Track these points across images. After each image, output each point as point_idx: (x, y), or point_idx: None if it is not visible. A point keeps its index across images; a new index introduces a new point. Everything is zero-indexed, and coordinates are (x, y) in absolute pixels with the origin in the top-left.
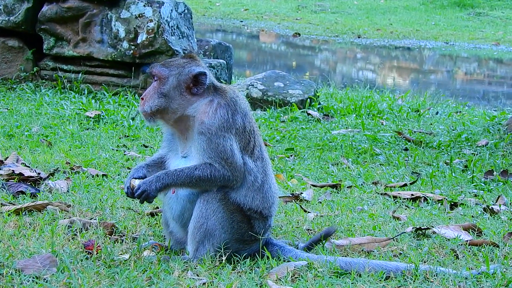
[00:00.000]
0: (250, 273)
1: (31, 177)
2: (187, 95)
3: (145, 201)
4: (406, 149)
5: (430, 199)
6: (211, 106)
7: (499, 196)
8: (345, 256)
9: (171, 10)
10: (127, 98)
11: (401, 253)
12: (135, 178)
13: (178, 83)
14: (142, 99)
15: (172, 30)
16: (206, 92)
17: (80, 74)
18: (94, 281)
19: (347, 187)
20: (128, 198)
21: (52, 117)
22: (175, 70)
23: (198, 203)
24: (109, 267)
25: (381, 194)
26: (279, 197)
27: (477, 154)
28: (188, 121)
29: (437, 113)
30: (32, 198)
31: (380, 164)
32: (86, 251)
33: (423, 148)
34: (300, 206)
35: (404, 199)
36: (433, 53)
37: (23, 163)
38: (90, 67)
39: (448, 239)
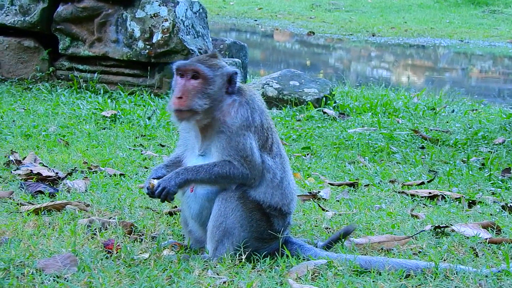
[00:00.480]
0: (270, 271)
1: (49, 176)
2: (224, 95)
3: (166, 199)
4: (422, 147)
5: (447, 197)
6: (233, 105)
7: None
8: (365, 254)
9: (186, 10)
10: (142, 97)
11: (420, 251)
12: (154, 178)
13: (222, 84)
14: (180, 97)
15: (187, 29)
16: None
17: (95, 74)
18: (114, 280)
19: (365, 185)
20: (149, 197)
21: (69, 117)
22: (219, 70)
23: (216, 202)
24: (129, 266)
25: (399, 192)
26: (298, 195)
27: (494, 152)
28: (211, 120)
29: (453, 111)
30: (50, 197)
31: (397, 163)
32: (106, 250)
33: (439, 146)
34: (318, 204)
35: (422, 197)
36: (447, 51)
37: (41, 163)
38: (105, 67)
39: (467, 237)
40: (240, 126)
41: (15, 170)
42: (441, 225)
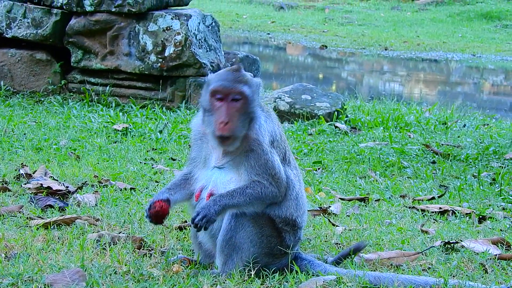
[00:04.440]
0: (279, 287)
1: (60, 190)
2: (256, 108)
3: (204, 228)
4: (433, 162)
5: (458, 212)
6: (260, 122)
7: None
8: (374, 270)
9: (199, 23)
10: (154, 111)
11: (430, 268)
12: (161, 200)
13: (257, 99)
14: (225, 123)
15: (199, 43)
16: None
17: (107, 87)
18: None
19: (375, 200)
20: (149, 223)
21: (80, 130)
22: (252, 85)
23: (227, 216)
24: (138, 282)
25: (409, 207)
26: (308, 210)
27: (505, 167)
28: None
29: (464, 125)
30: (60, 212)
31: (407, 177)
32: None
33: (450, 161)
34: (329, 219)
35: (432, 212)
36: (460, 65)
37: (51, 176)
38: (117, 80)
39: (477, 253)
40: (267, 143)
41: (25, 184)
42: (451, 241)
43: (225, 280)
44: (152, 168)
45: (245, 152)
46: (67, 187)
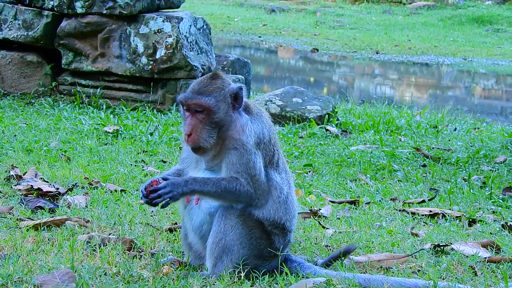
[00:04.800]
0: None
1: (50, 192)
2: (232, 113)
3: (162, 204)
4: (424, 166)
5: (448, 215)
6: (245, 122)
7: None
8: (364, 272)
9: (190, 26)
10: (145, 113)
11: (419, 270)
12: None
13: (227, 106)
14: (189, 135)
15: (190, 45)
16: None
17: (98, 89)
18: None
19: (365, 203)
20: (143, 202)
21: (71, 132)
22: (221, 93)
23: (216, 218)
24: (127, 283)
25: (399, 210)
26: (298, 213)
27: (495, 171)
28: (222, 140)
29: (455, 129)
30: (50, 213)
31: (398, 180)
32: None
33: (441, 164)
34: (319, 222)
35: (423, 215)
36: (451, 69)
37: (41, 178)
38: (108, 82)
39: (467, 256)
40: (252, 144)
41: (15, 185)
42: (440, 244)
43: (215, 282)
44: (143, 170)
45: (228, 150)
46: (58, 188)
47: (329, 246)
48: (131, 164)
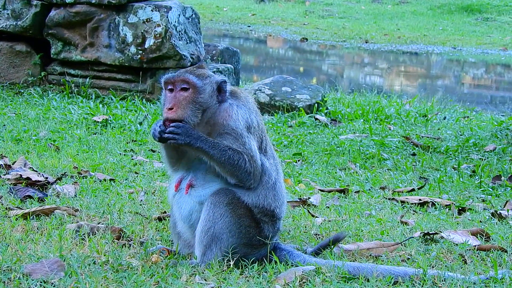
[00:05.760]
0: (258, 277)
1: (39, 181)
2: (215, 103)
3: (170, 140)
4: (413, 154)
5: (438, 204)
6: (232, 108)
7: (507, 201)
8: (353, 261)
9: (179, 15)
10: (134, 102)
11: (409, 258)
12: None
13: (212, 92)
14: (171, 108)
15: (179, 35)
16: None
17: (87, 79)
18: (101, 285)
19: (355, 192)
20: (154, 139)
21: (60, 121)
22: (207, 80)
23: (205, 206)
24: (116, 272)
25: (389, 199)
26: (287, 201)
27: (484, 159)
28: (211, 126)
29: (444, 118)
30: (39, 202)
31: (387, 169)
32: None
33: (430, 153)
34: (308, 211)
35: (412, 204)
36: (440, 58)
37: (30, 167)
38: (97, 72)
39: (456, 244)
40: (243, 128)
41: (4, 175)
42: (430, 232)
43: (204, 270)
44: (132, 159)
45: (220, 135)
46: (47, 178)
47: (319, 235)
48: (120, 154)
